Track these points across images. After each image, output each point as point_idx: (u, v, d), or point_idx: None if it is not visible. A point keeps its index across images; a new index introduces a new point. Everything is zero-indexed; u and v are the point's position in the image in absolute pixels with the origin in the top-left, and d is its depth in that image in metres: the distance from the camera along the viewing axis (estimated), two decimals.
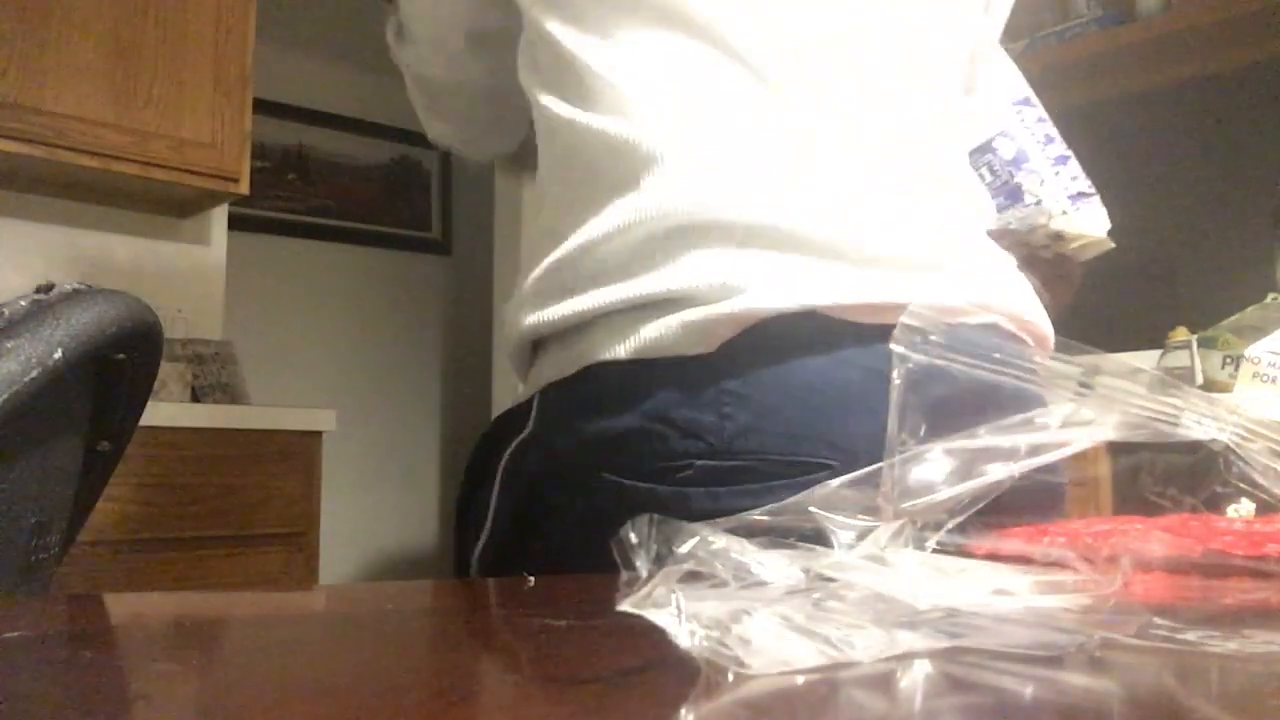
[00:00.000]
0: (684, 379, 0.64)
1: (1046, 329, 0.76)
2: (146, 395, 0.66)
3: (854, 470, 0.61)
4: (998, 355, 0.40)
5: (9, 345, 0.51)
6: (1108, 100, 2.85)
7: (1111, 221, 0.96)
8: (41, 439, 0.58)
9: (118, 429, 0.66)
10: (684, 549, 0.34)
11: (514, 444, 0.72)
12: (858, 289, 0.65)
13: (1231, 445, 0.42)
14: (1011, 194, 0.96)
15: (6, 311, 0.53)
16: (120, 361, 0.61)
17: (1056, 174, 0.96)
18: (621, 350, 0.66)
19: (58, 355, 0.52)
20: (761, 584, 0.35)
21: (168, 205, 2.57)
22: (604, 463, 0.66)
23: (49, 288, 0.55)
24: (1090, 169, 0.98)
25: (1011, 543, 0.46)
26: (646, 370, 0.65)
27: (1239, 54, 2.54)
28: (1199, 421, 0.41)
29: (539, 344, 0.74)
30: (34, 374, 0.51)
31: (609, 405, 0.67)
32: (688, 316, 0.64)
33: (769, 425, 0.63)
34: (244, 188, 2.42)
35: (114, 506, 1.90)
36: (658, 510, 0.64)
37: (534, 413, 0.72)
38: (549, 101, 0.71)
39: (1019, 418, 0.40)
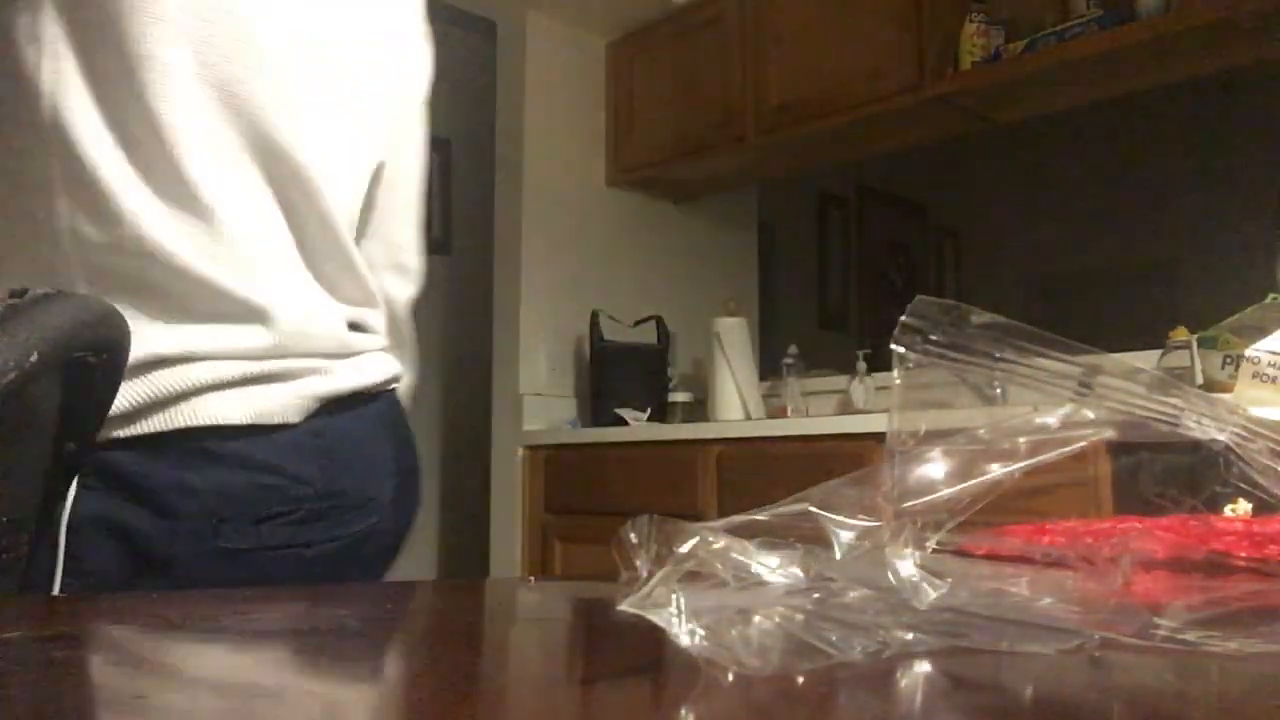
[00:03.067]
0: (287, 441, 0.78)
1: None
2: (113, 397, 0.68)
3: (391, 502, 0.89)
4: (998, 355, 0.40)
5: None
6: (1108, 100, 2.85)
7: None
8: (14, 440, 0.59)
9: (85, 430, 0.68)
10: (684, 549, 0.33)
11: None
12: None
13: (1231, 445, 0.42)
14: None
15: None
16: (91, 364, 0.62)
17: None
18: (236, 416, 0.75)
19: (34, 358, 0.53)
20: (761, 584, 0.35)
21: None
22: (219, 513, 0.75)
23: (22, 292, 0.57)
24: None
25: (1011, 543, 0.46)
26: (258, 434, 0.77)
27: (1239, 54, 2.54)
28: (1199, 421, 0.41)
29: None
30: (11, 376, 0.52)
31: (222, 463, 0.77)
32: (293, 391, 0.78)
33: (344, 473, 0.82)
34: None
35: None
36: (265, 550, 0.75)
37: None
38: None
39: (1018, 418, 0.40)
